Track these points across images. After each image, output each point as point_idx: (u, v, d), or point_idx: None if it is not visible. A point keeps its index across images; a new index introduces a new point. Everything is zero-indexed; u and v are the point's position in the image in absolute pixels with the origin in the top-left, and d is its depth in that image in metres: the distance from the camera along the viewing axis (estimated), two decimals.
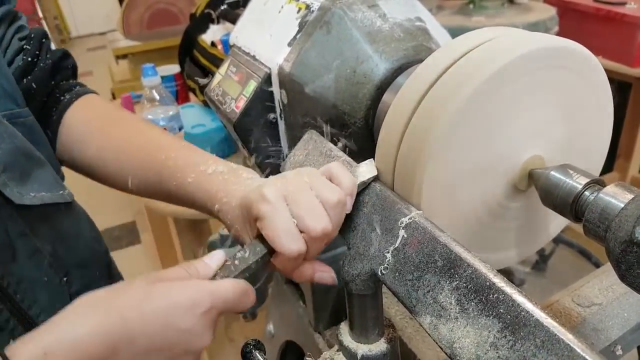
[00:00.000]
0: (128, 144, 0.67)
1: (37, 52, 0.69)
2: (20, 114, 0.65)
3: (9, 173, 0.56)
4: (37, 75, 0.69)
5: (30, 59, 0.68)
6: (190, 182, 0.60)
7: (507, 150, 0.52)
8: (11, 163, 0.57)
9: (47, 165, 0.63)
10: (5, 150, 0.57)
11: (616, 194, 0.44)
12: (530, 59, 0.48)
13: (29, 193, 0.58)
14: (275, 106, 0.75)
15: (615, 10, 1.98)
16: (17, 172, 0.58)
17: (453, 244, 0.43)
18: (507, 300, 0.37)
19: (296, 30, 0.70)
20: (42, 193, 0.60)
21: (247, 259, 0.51)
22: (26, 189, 0.58)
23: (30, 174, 0.60)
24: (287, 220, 0.49)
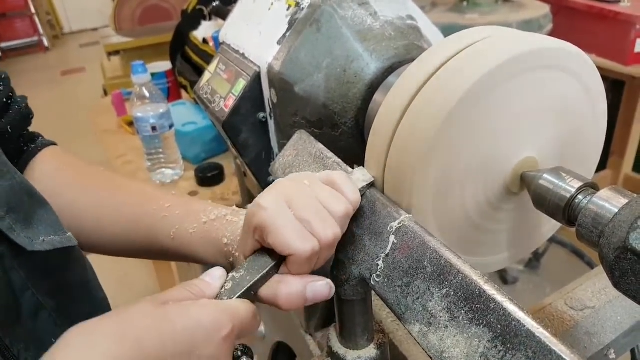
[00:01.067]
0: (107, 196, 0.60)
1: (10, 93, 0.63)
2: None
3: (13, 215, 0.50)
4: (12, 117, 0.62)
5: (5, 99, 0.62)
6: (193, 233, 0.55)
7: (499, 151, 0.51)
8: (14, 203, 0.51)
9: (47, 204, 0.56)
10: (6, 187, 0.51)
11: (610, 198, 0.43)
12: (523, 60, 0.46)
13: (38, 237, 0.52)
14: (265, 105, 0.74)
15: (609, 8, 1.98)
16: (21, 214, 0.51)
17: (443, 249, 0.42)
18: (498, 309, 0.36)
19: (286, 28, 0.69)
20: (51, 237, 0.53)
21: (252, 275, 0.45)
22: (34, 232, 0.52)
23: (34, 215, 0.53)
24: (292, 220, 0.44)
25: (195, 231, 0.55)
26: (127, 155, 1.60)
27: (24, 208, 0.52)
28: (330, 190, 0.47)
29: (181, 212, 0.56)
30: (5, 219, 0.49)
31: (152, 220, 0.57)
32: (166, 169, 1.43)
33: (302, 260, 0.44)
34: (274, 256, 0.46)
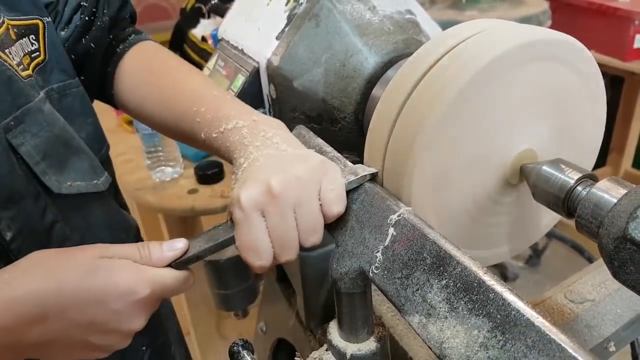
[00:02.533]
0: (166, 96, 0.67)
1: (94, 8, 0.69)
2: (71, 84, 0.66)
3: (47, 161, 0.58)
4: (94, 34, 0.69)
5: (88, 17, 0.68)
6: (215, 137, 0.59)
7: (499, 144, 0.51)
8: (50, 151, 0.59)
9: (84, 152, 0.65)
10: (43, 138, 0.58)
11: (609, 189, 0.43)
12: (521, 51, 0.47)
13: (66, 182, 0.60)
14: (264, 101, 0.74)
15: (608, 4, 1.98)
16: (55, 160, 0.59)
17: (442, 240, 0.42)
18: (498, 299, 0.36)
19: (284, 23, 0.69)
20: (77, 182, 0.62)
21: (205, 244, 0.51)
22: (63, 177, 0.60)
23: (68, 162, 0.61)
24: (256, 234, 0.47)
25: (217, 136, 0.58)
26: (127, 154, 1.60)
27: (58, 156, 0.60)
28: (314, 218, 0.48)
29: (211, 117, 0.60)
30: (40, 164, 0.57)
31: (191, 121, 0.62)
32: (166, 167, 1.43)
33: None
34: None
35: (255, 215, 0.47)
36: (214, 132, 0.59)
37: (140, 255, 0.49)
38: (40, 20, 0.63)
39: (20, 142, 0.56)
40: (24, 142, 0.56)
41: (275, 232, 0.47)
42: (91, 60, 0.71)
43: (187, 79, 0.69)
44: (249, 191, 0.47)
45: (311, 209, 0.47)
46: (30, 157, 0.56)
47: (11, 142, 0.55)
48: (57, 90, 0.64)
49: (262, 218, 0.47)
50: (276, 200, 0.46)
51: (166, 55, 0.75)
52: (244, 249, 0.48)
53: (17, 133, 0.55)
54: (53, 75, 0.64)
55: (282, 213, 0.47)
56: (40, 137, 0.58)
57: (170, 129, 0.68)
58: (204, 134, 0.60)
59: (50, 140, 0.59)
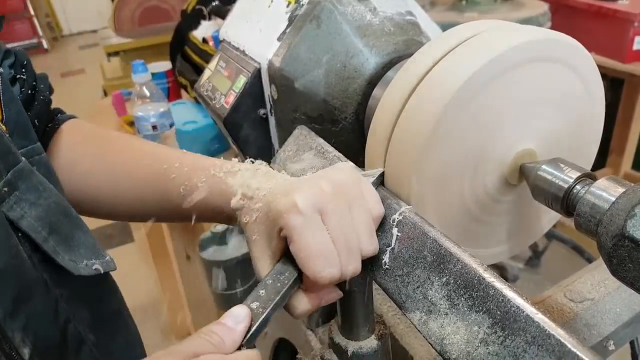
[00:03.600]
0: (121, 161, 0.59)
1: (34, 82, 0.60)
2: (34, 150, 0.53)
3: (55, 237, 0.47)
4: (38, 109, 0.59)
5: (30, 91, 0.58)
6: (201, 186, 0.52)
7: (498, 143, 0.51)
8: (55, 224, 0.48)
9: (84, 225, 0.54)
10: (45, 207, 0.47)
11: (607, 187, 0.43)
12: (521, 51, 0.47)
13: (82, 261, 0.49)
14: (265, 101, 0.74)
15: (608, 6, 1.98)
16: (62, 236, 0.48)
17: (443, 238, 0.42)
18: (497, 296, 0.37)
19: (286, 25, 0.70)
20: (92, 260, 0.51)
21: (275, 293, 0.42)
22: (76, 256, 0.49)
23: (74, 237, 0.50)
24: (323, 238, 0.41)
25: (203, 184, 0.52)
26: None
27: (63, 229, 0.49)
28: (367, 221, 0.44)
29: (189, 169, 0.53)
30: (49, 241, 0.46)
31: (164, 180, 0.55)
32: None
33: (321, 284, 0.42)
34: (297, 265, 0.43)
35: (316, 216, 0.42)
36: (199, 182, 0.52)
37: (212, 343, 0.38)
38: None
39: (20, 215, 0.45)
40: (24, 215, 0.45)
41: (337, 232, 0.42)
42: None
43: (140, 142, 0.62)
44: (304, 194, 0.42)
45: (364, 208, 0.44)
46: (36, 232, 0.45)
47: (8, 216, 0.44)
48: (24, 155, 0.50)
49: (322, 222, 0.42)
50: (334, 199, 0.42)
51: (103, 128, 0.65)
52: (310, 258, 0.41)
53: (13, 203, 0.45)
54: (14, 139, 0.50)
55: (340, 213, 0.42)
56: (41, 207, 0.47)
57: (124, 203, 0.59)
58: (182, 189, 0.53)
59: (51, 209, 0.48)
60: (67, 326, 0.48)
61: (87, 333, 0.51)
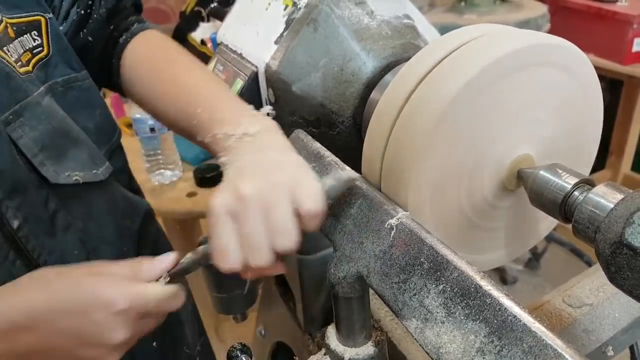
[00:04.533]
0: (166, 91, 0.68)
1: (90, 1, 0.71)
2: (76, 77, 0.68)
3: (46, 152, 0.60)
4: (92, 27, 0.71)
5: (84, 11, 0.70)
6: (209, 142, 0.60)
7: (496, 148, 0.51)
8: (48, 143, 0.61)
9: (83, 143, 0.67)
10: (42, 131, 0.60)
11: (606, 194, 0.43)
12: (518, 56, 0.47)
13: (64, 172, 0.63)
14: (263, 105, 0.74)
15: (607, 7, 1.98)
16: (54, 152, 0.61)
17: (440, 245, 0.42)
18: (494, 304, 0.37)
19: (283, 28, 0.69)
20: (76, 172, 0.64)
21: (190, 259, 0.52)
22: (62, 168, 0.62)
23: (67, 153, 0.63)
24: (224, 238, 0.47)
25: (210, 141, 0.59)
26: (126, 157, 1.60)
27: (57, 147, 0.62)
28: (285, 219, 0.47)
29: (205, 119, 0.60)
30: (38, 156, 0.60)
31: (190, 122, 0.63)
32: (165, 170, 1.43)
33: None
34: None
35: (224, 219, 0.47)
36: (207, 136, 0.60)
37: (132, 270, 0.50)
38: (42, 16, 0.64)
39: (19, 135, 0.58)
40: (23, 135, 0.58)
41: (243, 233, 0.47)
42: (91, 53, 0.72)
43: (187, 73, 0.69)
44: (220, 197, 0.48)
45: (281, 211, 0.47)
46: (28, 149, 0.59)
47: (11, 135, 0.57)
48: (61, 83, 0.66)
49: (232, 223, 0.47)
50: (244, 202, 0.47)
51: (168, 45, 0.75)
52: (214, 252, 0.48)
53: (16, 126, 0.58)
54: (57, 69, 0.65)
55: (250, 215, 0.47)
56: (38, 130, 0.60)
57: (174, 125, 0.69)
58: (199, 137, 0.62)
59: (48, 132, 0.61)
60: (56, 214, 0.62)
61: (77, 221, 0.65)
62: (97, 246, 0.68)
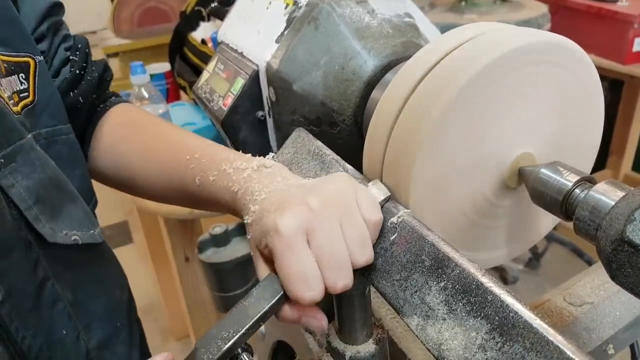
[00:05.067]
0: (152, 147, 0.64)
1: (84, 64, 0.67)
2: (62, 130, 0.61)
3: (40, 206, 0.52)
4: (83, 89, 0.67)
5: (78, 71, 0.66)
6: (213, 180, 0.54)
7: (497, 147, 0.51)
8: (43, 196, 0.53)
9: (79, 200, 0.60)
10: (36, 180, 0.53)
11: (607, 191, 0.43)
12: (519, 54, 0.47)
13: (61, 231, 0.55)
14: (264, 104, 0.74)
15: (607, 7, 1.98)
16: (48, 206, 0.54)
17: (441, 243, 0.42)
18: (496, 301, 0.37)
19: (284, 27, 0.69)
20: (73, 231, 0.56)
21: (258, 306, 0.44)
22: (58, 226, 0.54)
23: (62, 210, 0.56)
24: (303, 261, 0.41)
25: (215, 178, 0.54)
26: None
27: (52, 201, 0.54)
28: (360, 232, 0.44)
29: (207, 161, 0.57)
30: (33, 209, 0.52)
31: (184, 170, 0.59)
32: None
33: (302, 304, 0.43)
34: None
35: (299, 239, 0.42)
36: (211, 175, 0.55)
37: None
38: (32, 58, 0.58)
39: (11, 184, 0.50)
40: (15, 184, 0.51)
41: (323, 251, 0.42)
42: (77, 115, 0.66)
43: (174, 131, 0.66)
44: (288, 215, 0.42)
45: (356, 219, 0.43)
46: (21, 200, 0.51)
47: (0, 184, 0.50)
48: (45, 135, 0.59)
49: (306, 242, 0.42)
50: (320, 216, 0.42)
51: (148, 114, 0.73)
52: (290, 281, 0.42)
53: (7, 173, 0.50)
54: (42, 118, 0.58)
55: (328, 229, 0.42)
56: (32, 179, 0.52)
57: (153, 185, 0.64)
58: (198, 179, 0.56)
59: (43, 183, 0.54)
60: (45, 283, 0.53)
61: (66, 292, 0.56)
62: (88, 323, 0.59)
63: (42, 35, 0.63)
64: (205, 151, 0.58)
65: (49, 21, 0.64)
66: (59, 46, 0.65)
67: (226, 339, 0.42)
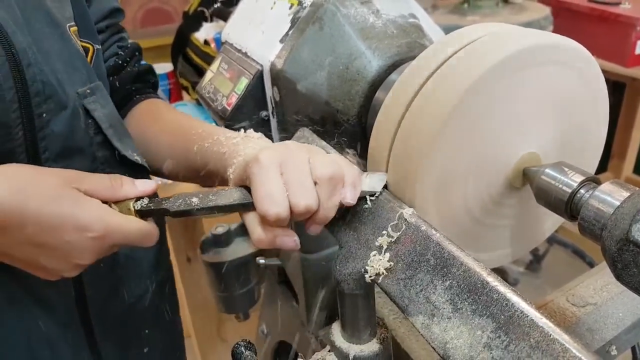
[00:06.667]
0: (165, 128, 0.74)
1: (129, 59, 0.80)
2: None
3: (113, 130, 0.66)
4: (122, 76, 0.78)
5: (121, 62, 0.78)
6: (208, 147, 0.62)
7: (502, 147, 0.51)
8: (114, 122, 0.66)
9: (129, 135, 0.71)
10: (109, 110, 0.66)
11: (612, 192, 0.43)
12: (525, 55, 0.47)
13: (127, 150, 0.67)
14: (267, 103, 0.74)
15: (610, 10, 1.98)
16: (117, 131, 0.66)
17: (446, 242, 0.42)
18: (501, 300, 0.37)
19: (288, 27, 0.69)
20: (134, 154, 0.68)
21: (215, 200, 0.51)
22: (124, 147, 0.67)
23: (123, 138, 0.68)
24: (273, 183, 0.47)
25: (209, 145, 0.62)
26: None
27: (118, 129, 0.67)
28: (325, 157, 0.50)
29: (206, 134, 0.64)
30: (109, 130, 0.65)
31: (187, 142, 0.66)
32: None
33: (268, 221, 0.47)
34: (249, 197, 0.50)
35: (273, 167, 0.48)
36: (206, 142, 0.63)
37: (112, 184, 0.52)
38: (92, 45, 0.69)
39: (94, 108, 0.63)
40: (96, 109, 0.64)
41: (291, 176, 0.47)
42: (113, 97, 0.75)
43: (186, 117, 0.75)
44: (269, 150, 0.49)
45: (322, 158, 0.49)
46: (102, 121, 0.64)
47: (87, 107, 0.62)
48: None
49: (279, 172, 0.48)
50: (294, 152, 0.49)
51: (170, 107, 0.82)
52: (258, 198, 0.47)
53: (91, 100, 0.63)
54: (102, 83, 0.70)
55: (299, 158, 0.48)
56: (107, 109, 0.65)
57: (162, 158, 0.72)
58: (196, 147, 0.64)
59: (112, 114, 0.67)
60: None
61: None
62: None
63: (100, 30, 0.75)
64: (205, 127, 0.67)
65: (109, 20, 0.77)
66: (113, 43, 0.79)
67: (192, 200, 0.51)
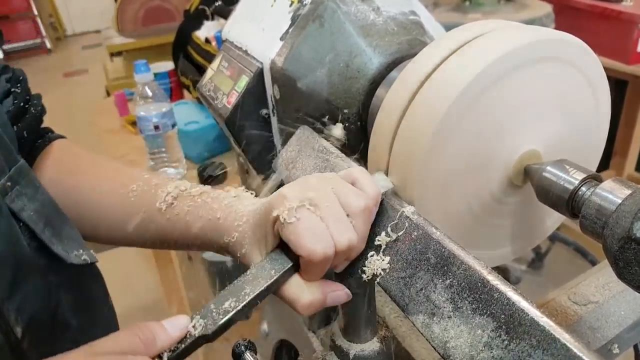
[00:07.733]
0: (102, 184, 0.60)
1: (27, 97, 0.63)
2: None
3: (50, 229, 0.51)
4: (29, 122, 0.61)
5: (22, 104, 0.61)
6: (188, 210, 0.53)
7: (503, 144, 0.51)
8: (50, 217, 0.52)
9: (70, 220, 0.57)
10: (41, 202, 0.51)
11: (613, 189, 0.43)
12: (526, 51, 0.47)
13: (72, 251, 0.53)
14: (268, 101, 0.74)
15: (612, 7, 1.97)
16: (56, 228, 0.52)
17: (446, 240, 0.42)
18: (502, 299, 0.36)
19: (289, 24, 0.69)
20: (80, 251, 0.54)
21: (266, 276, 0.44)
22: (66, 246, 0.53)
23: (62, 231, 0.54)
24: (310, 218, 0.43)
25: (189, 209, 0.53)
26: (130, 155, 1.60)
27: (55, 223, 0.53)
28: (350, 187, 0.46)
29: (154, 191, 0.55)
30: (45, 232, 0.50)
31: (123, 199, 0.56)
32: (169, 168, 1.43)
33: (315, 262, 0.43)
34: (291, 255, 0.45)
35: (303, 203, 0.44)
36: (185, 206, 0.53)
37: (141, 340, 0.40)
38: None
39: (21, 207, 0.49)
40: (24, 207, 0.49)
41: (324, 212, 0.44)
42: (21, 149, 0.59)
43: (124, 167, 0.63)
44: (291, 186, 0.46)
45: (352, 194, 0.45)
46: (34, 223, 0.49)
47: (11, 208, 0.48)
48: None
49: (310, 205, 0.44)
50: (319, 185, 0.46)
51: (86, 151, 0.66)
52: (300, 236, 0.43)
53: (14, 196, 0.49)
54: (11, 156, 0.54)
55: (327, 192, 0.45)
56: (38, 201, 0.51)
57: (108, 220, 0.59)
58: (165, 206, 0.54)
59: (45, 204, 0.52)
60: (56, 310, 0.51)
61: (71, 318, 0.53)
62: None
63: None
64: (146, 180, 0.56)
65: None
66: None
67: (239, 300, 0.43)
